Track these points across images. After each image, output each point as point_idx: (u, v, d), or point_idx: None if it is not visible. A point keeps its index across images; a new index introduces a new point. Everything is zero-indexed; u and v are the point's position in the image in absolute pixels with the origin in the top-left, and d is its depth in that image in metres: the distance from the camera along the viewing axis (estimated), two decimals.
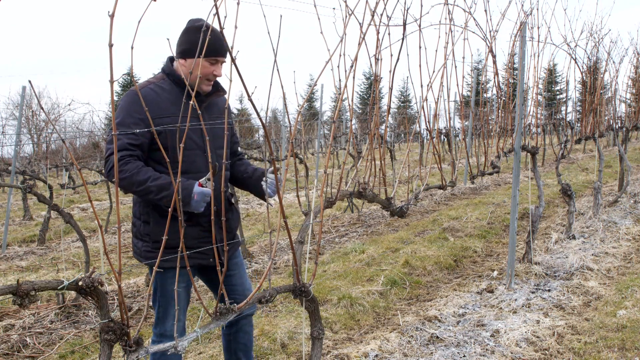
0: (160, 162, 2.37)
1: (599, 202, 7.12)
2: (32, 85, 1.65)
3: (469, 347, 3.49)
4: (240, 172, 2.69)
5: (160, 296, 2.48)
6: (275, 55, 1.77)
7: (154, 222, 2.42)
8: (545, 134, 16.63)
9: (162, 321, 2.51)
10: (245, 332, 2.79)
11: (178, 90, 2.41)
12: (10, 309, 4.47)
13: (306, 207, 3.79)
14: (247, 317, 2.79)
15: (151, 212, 2.43)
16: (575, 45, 6.03)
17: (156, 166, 2.37)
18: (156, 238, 2.42)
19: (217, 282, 2.67)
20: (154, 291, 2.48)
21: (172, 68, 2.45)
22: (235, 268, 2.68)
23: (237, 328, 2.77)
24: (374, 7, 2.49)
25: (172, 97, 2.39)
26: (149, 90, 2.36)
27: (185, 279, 2.48)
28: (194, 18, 2.40)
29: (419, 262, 5.45)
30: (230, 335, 2.80)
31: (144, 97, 2.28)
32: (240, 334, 2.78)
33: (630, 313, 3.87)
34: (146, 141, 2.32)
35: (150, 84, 2.39)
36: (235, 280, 2.67)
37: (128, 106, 2.30)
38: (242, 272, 2.74)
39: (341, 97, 2.33)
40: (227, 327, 2.78)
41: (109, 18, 1.37)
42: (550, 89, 32.31)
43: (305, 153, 21.42)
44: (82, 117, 33.92)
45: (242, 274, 2.73)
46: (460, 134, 16.38)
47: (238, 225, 2.78)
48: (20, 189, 6.54)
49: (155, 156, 2.37)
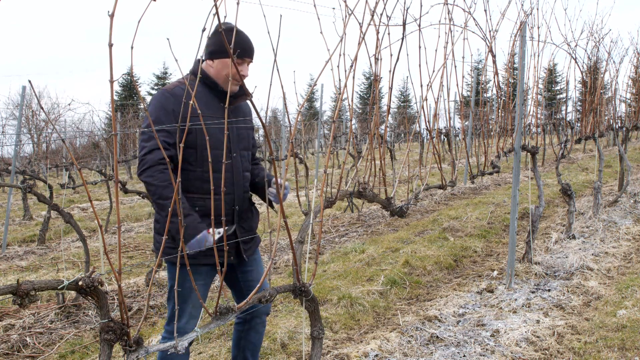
0: (187, 159, 2.40)
1: (599, 201, 7.12)
2: (32, 85, 1.65)
3: (469, 347, 3.49)
4: (254, 175, 2.74)
5: (179, 293, 2.50)
6: (275, 55, 1.77)
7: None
8: (545, 134, 16.64)
9: (178, 319, 2.52)
10: (257, 331, 2.80)
11: (207, 90, 2.47)
12: (10, 309, 4.47)
13: (306, 207, 3.80)
14: (261, 317, 2.79)
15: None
16: (575, 45, 6.03)
17: (184, 164, 2.40)
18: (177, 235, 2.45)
19: (233, 279, 2.71)
20: (169, 289, 2.50)
21: (202, 69, 2.49)
22: (254, 264, 2.72)
23: (250, 326, 2.78)
24: (373, 7, 2.49)
25: (201, 96, 2.43)
26: (180, 90, 2.40)
27: (204, 276, 2.51)
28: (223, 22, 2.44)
29: (419, 262, 5.45)
30: (242, 332, 2.80)
31: (175, 96, 2.35)
32: (251, 333, 2.79)
33: (630, 313, 3.87)
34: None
35: (180, 84, 2.43)
36: (253, 276, 2.71)
37: (160, 105, 2.35)
38: (260, 269, 2.77)
39: (341, 96, 2.33)
40: (240, 324, 2.79)
41: (109, 18, 1.37)
42: (550, 89, 32.31)
43: (305, 153, 21.42)
44: (82, 117, 33.90)
45: (261, 271, 2.76)
46: (460, 134, 16.39)
47: (257, 224, 2.82)
48: (20, 189, 6.55)
49: (184, 154, 2.39)
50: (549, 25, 5.16)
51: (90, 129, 19.08)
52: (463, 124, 7.25)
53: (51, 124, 17.20)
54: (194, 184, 2.43)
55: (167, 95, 2.37)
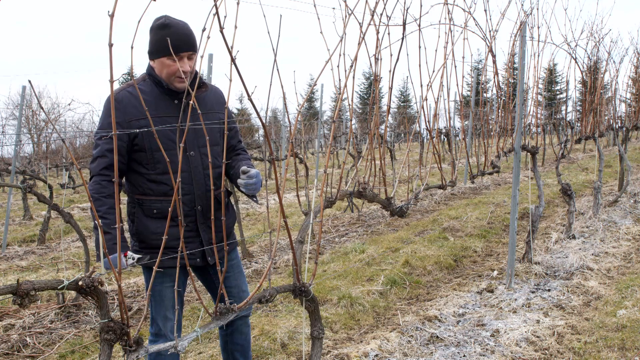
0: (140, 162, 2.40)
1: (599, 201, 7.12)
2: (32, 85, 1.65)
3: (469, 347, 3.49)
4: (230, 167, 2.62)
5: (151, 296, 2.49)
6: (275, 55, 1.77)
7: (138, 222, 2.45)
8: (545, 134, 16.64)
9: (154, 320, 2.52)
10: (241, 332, 2.78)
11: (158, 90, 2.42)
12: (10, 309, 4.47)
13: (306, 207, 3.80)
14: (243, 318, 2.77)
15: (137, 212, 2.45)
16: (575, 45, 6.04)
17: (138, 167, 2.40)
18: (141, 238, 2.45)
19: (211, 283, 2.67)
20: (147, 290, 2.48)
21: (151, 68, 2.45)
22: (230, 270, 2.65)
23: (233, 329, 2.76)
24: (373, 7, 2.49)
25: (150, 97, 2.39)
26: (126, 94, 2.37)
27: (173, 279, 2.43)
28: (158, 16, 2.39)
29: (419, 261, 5.45)
30: (226, 336, 2.79)
31: (119, 101, 2.33)
32: (236, 335, 2.77)
33: (630, 313, 3.87)
34: (124, 144, 2.35)
35: (128, 87, 2.39)
36: (230, 282, 2.64)
37: (105, 111, 2.34)
38: (238, 274, 2.70)
39: (341, 96, 2.33)
40: (222, 328, 2.77)
41: (109, 18, 1.37)
42: (550, 89, 32.31)
43: (305, 153, 21.42)
44: (82, 117, 33.86)
45: (238, 276, 2.70)
46: (460, 134, 16.38)
47: (233, 225, 2.75)
48: (20, 189, 6.54)
49: (136, 157, 2.40)
50: (549, 25, 5.17)
51: (90, 129, 19.07)
52: (463, 124, 7.25)
53: (51, 123, 17.21)
54: (149, 187, 2.41)
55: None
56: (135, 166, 2.41)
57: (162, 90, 2.41)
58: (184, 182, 2.42)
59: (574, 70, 9.71)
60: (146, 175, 2.40)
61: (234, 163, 2.62)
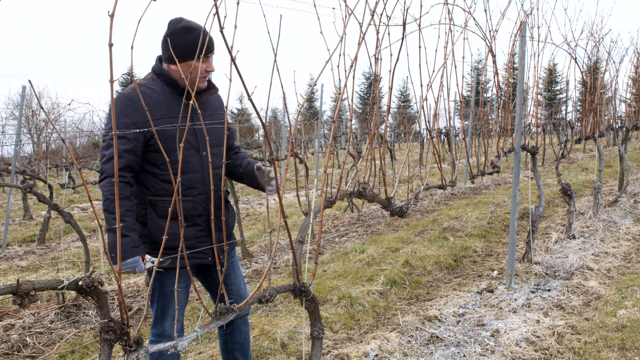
0: (154, 163, 2.37)
1: (599, 201, 7.12)
2: (32, 85, 1.65)
3: (469, 347, 3.49)
4: (236, 165, 2.67)
5: (159, 296, 2.48)
6: (275, 55, 1.77)
7: (152, 223, 2.42)
8: (545, 134, 16.63)
9: (160, 321, 2.51)
10: (241, 331, 2.78)
11: (169, 90, 2.40)
12: (10, 309, 4.47)
13: (306, 207, 3.80)
14: (242, 317, 2.78)
15: (149, 213, 2.42)
16: (575, 45, 6.03)
17: (151, 168, 2.38)
18: (154, 239, 2.42)
19: (212, 282, 2.67)
20: (152, 291, 2.47)
21: (162, 68, 2.41)
22: (230, 268, 2.67)
23: (232, 328, 2.77)
24: (373, 6, 2.49)
25: (163, 97, 2.37)
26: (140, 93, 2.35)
27: (185, 279, 2.47)
28: (173, 19, 2.36)
29: (419, 261, 5.45)
30: (226, 335, 2.79)
31: (134, 101, 2.28)
32: (235, 334, 2.78)
33: (630, 313, 3.87)
34: (139, 145, 2.32)
35: (140, 86, 2.36)
36: (230, 280, 2.67)
37: (119, 112, 2.30)
38: (237, 272, 2.73)
39: (341, 96, 2.33)
40: (222, 328, 2.77)
41: (109, 18, 1.37)
42: (550, 89, 32.31)
43: (305, 153, 21.42)
44: (82, 117, 33.88)
45: (237, 274, 2.72)
46: (460, 134, 16.37)
47: (234, 224, 2.77)
48: (20, 189, 6.55)
49: (150, 158, 2.37)
50: (549, 25, 5.16)
51: (90, 129, 19.09)
52: (463, 124, 7.25)
53: (51, 123, 17.21)
54: (163, 187, 2.39)
55: (125, 102, 2.31)
56: (148, 167, 2.38)
57: (174, 90, 2.39)
58: (198, 182, 2.43)
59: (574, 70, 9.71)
60: (160, 175, 2.38)
61: (238, 161, 2.67)
